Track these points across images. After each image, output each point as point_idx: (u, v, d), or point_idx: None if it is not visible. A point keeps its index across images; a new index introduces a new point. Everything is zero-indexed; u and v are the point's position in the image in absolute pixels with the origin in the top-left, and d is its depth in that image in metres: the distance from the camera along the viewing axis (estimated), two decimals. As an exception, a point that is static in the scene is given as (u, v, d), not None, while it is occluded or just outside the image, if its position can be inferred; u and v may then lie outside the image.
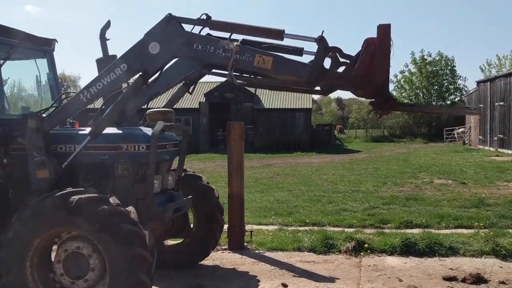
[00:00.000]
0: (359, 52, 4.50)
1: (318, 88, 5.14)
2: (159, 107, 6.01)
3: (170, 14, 4.83)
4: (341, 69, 4.68)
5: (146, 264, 4.29)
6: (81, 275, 4.44)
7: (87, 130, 5.23)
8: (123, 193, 5.03)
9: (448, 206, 10.43)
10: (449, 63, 53.34)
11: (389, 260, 6.53)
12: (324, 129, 41.32)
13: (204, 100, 37.17)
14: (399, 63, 66.74)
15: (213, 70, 5.59)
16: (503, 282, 5.52)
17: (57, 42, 6.50)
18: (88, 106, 5.22)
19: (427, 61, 52.51)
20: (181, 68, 5.77)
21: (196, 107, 36.75)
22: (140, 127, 5.70)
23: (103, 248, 4.30)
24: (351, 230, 8.32)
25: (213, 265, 6.56)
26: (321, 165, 22.00)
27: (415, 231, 8.18)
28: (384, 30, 4.30)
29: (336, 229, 8.42)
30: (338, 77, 4.65)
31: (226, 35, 4.93)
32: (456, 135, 41.17)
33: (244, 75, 5.26)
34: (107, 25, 5.58)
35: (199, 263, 6.47)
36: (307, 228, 8.60)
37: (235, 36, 4.88)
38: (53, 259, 4.61)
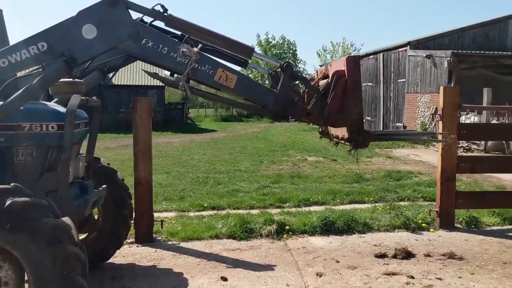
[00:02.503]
0: (327, 86, 4.10)
1: None
2: None
3: None
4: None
5: (80, 264, 3.34)
6: None
7: None
8: (28, 185, 3.88)
9: (332, 183, 10.84)
10: (291, 47, 56.65)
11: (314, 241, 6.38)
12: (177, 107, 40.56)
13: (43, 74, 33.20)
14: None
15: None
16: (428, 255, 5.76)
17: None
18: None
19: (271, 44, 54.94)
20: None
21: (34, 82, 32.65)
22: (44, 102, 4.54)
23: (20, 253, 3.19)
24: (255, 211, 8.03)
25: (127, 262, 5.63)
26: (185, 145, 21.37)
27: (317, 208, 8.29)
28: (354, 62, 4.01)
29: (239, 211, 8.05)
30: (307, 114, 4.18)
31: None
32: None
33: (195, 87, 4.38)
34: None
35: (109, 261, 5.51)
36: (210, 212, 8.07)
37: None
38: None
